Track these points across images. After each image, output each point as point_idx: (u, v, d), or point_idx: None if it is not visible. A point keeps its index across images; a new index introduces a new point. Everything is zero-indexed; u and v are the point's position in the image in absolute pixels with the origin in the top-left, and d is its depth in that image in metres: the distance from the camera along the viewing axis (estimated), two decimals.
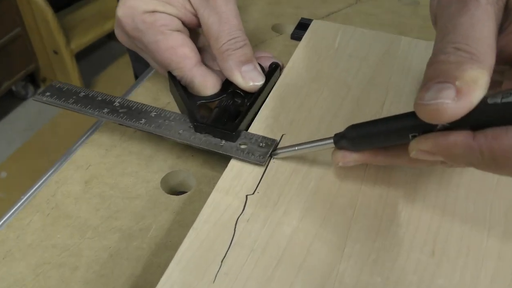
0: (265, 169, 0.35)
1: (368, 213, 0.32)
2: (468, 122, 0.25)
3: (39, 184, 0.38)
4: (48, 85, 0.41)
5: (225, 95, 0.41)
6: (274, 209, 0.32)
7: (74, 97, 0.40)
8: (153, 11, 0.39)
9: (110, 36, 2.11)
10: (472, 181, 0.34)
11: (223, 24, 0.39)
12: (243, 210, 0.32)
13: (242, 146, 0.36)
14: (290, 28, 0.55)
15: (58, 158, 0.41)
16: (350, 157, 0.32)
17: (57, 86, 0.41)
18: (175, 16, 0.40)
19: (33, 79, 2.06)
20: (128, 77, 0.58)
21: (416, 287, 0.28)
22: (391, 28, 0.55)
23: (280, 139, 0.37)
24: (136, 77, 0.61)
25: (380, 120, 0.30)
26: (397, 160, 0.31)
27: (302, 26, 0.53)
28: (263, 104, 0.41)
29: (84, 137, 0.42)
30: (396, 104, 0.41)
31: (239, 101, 0.41)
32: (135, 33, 0.40)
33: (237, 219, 0.31)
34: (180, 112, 0.40)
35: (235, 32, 0.40)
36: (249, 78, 0.40)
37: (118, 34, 0.43)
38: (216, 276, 0.28)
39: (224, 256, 0.29)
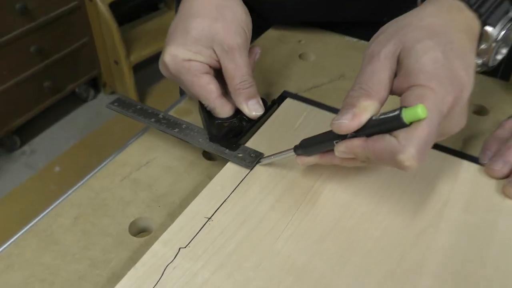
0: (202, 227, 0.46)
1: None
2: (363, 132, 0.40)
3: (39, 217, 0.51)
4: (117, 98, 0.59)
5: (235, 118, 0.57)
6: (196, 262, 0.43)
7: (132, 108, 0.58)
8: (189, 60, 0.55)
9: None
10: None
11: (237, 70, 0.55)
12: (173, 260, 0.43)
13: (239, 155, 0.52)
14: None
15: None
16: (306, 160, 0.47)
17: (122, 99, 0.59)
18: (204, 63, 0.56)
19: (95, 83, 2.27)
20: (175, 92, 0.82)
21: None
22: None
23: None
24: (181, 93, 0.78)
25: (319, 134, 0.45)
26: (334, 160, 0.45)
27: (281, 100, 0.62)
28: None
29: (84, 179, 0.54)
30: None
31: (244, 123, 0.57)
32: (176, 73, 0.57)
33: (166, 266, 0.43)
34: (202, 127, 0.57)
35: (245, 77, 0.56)
36: (252, 110, 0.56)
37: (163, 70, 0.59)
38: None
39: None
